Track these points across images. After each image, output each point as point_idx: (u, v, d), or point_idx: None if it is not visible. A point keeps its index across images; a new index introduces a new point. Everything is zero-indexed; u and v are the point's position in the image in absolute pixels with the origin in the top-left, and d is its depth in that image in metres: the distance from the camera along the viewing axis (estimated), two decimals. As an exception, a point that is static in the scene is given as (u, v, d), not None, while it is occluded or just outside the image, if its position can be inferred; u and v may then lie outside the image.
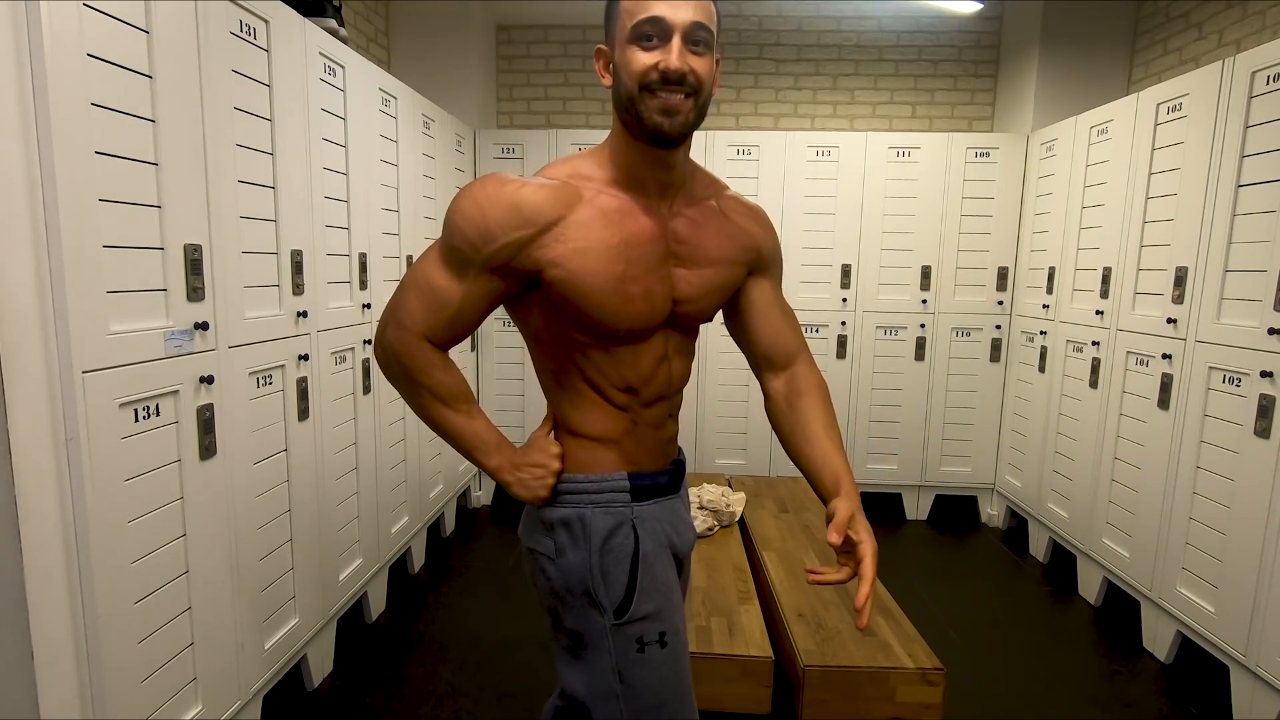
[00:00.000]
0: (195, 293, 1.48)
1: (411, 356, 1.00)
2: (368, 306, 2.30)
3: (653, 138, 0.94)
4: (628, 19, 0.92)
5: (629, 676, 1.01)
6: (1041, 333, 3.07)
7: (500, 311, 1.09)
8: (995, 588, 2.83)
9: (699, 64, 0.92)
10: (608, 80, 0.98)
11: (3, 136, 1.11)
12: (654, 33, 0.90)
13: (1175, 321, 2.24)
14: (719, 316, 1.18)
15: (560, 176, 0.97)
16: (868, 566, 0.94)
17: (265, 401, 1.77)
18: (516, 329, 1.10)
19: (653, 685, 1.02)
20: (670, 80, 0.91)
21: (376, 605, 2.49)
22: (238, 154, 1.63)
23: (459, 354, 3.25)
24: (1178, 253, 2.26)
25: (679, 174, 1.02)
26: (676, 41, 0.90)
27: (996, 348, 3.40)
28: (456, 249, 0.95)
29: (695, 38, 0.91)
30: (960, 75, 3.73)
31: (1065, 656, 2.33)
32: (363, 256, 2.27)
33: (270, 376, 1.79)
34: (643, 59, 0.91)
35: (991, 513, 3.54)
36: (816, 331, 3.43)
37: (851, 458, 3.51)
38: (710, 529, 2.54)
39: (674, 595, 1.05)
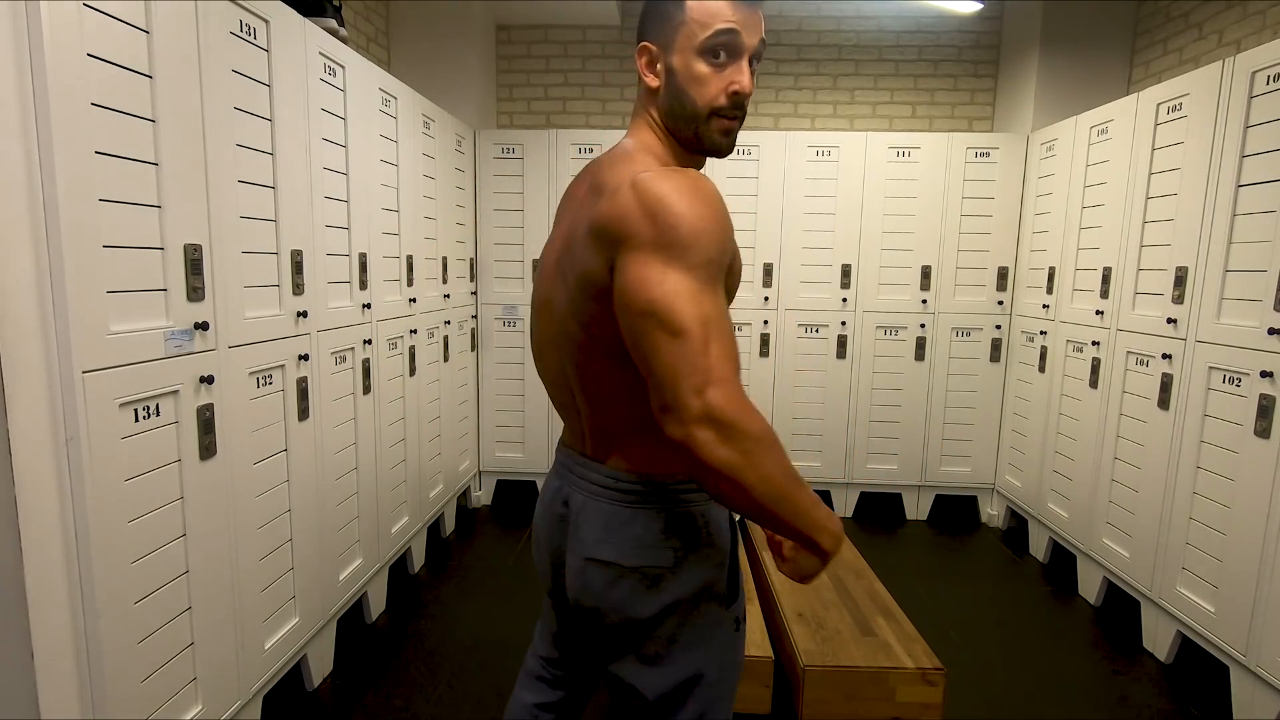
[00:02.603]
0: (195, 293, 1.48)
1: (755, 413, 0.79)
2: (368, 306, 2.30)
3: (708, 154, 0.96)
4: (698, 29, 0.88)
5: (727, 659, 1.00)
6: (1041, 333, 3.07)
7: (500, 311, 1.09)
8: (995, 588, 2.83)
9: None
10: (655, 81, 0.93)
11: (3, 136, 1.11)
12: (726, 49, 0.88)
13: (1175, 321, 2.24)
14: None
15: None
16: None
17: (265, 401, 1.77)
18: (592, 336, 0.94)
19: (738, 661, 1.03)
20: (739, 105, 0.91)
21: (376, 605, 2.49)
22: (238, 154, 1.63)
23: (460, 353, 3.25)
24: (1178, 253, 2.26)
25: None
26: (746, 62, 0.90)
27: (996, 348, 3.40)
28: (715, 262, 0.80)
29: (758, 55, 0.91)
30: (960, 75, 3.73)
31: (1065, 656, 2.32)
32: (363, 256, 2.27)
33: (270, 376, 1.79)
34: (716, 81, 0.90)
35: (991, 513, 3.54)
36: (816, 331, 3.43)
37: (851, 457, 3.51)
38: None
39: None
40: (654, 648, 0.96)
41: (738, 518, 0.95)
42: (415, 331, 2.72)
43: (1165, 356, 2.28)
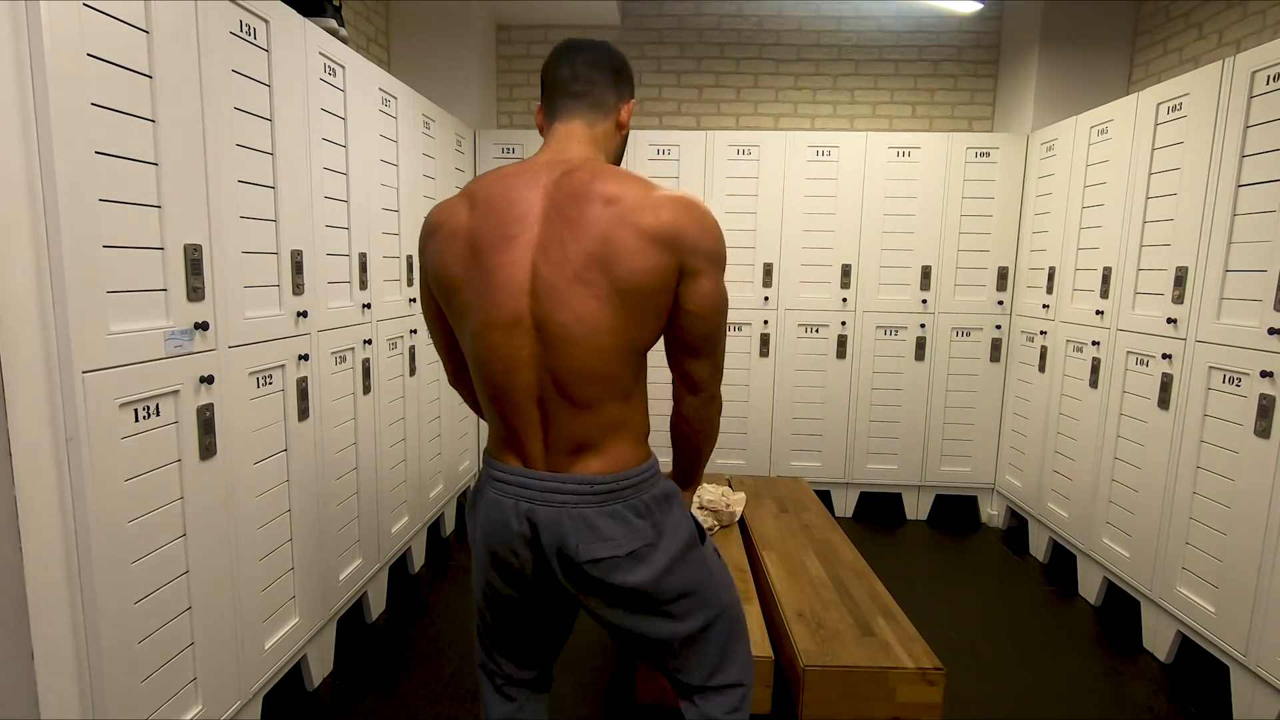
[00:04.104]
0: (195, 293, 1.48)
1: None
2: (368, 306, 2.30)
3: None
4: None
5: (724, 578, 1.20)
6: (1041, 333, 3.08)
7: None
8: (995, 588, 2.83)
9: None
10: (625, 130, 1.15)
11: (3, 136, 1.11)
12: None
13: (1175, 321, 2.24)
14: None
15: None
16: None
17: (265, 401, 1.77)
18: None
19: (728, 572, 1.24)
20: None
21: (376, 605, 2.49)
22: (238, 154, 1.63)
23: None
24: (1178, 253, 2.26)
25: None
26: None
27: (996, 348, 3.40)
28: None
29: None
30: (960, 75, 3.73)
31: (1065, 656, 2.33)
32: (363, 256, 2.27)
33: (270, 376, 1.79)
34: None
35: (991, 513, 3.54)
36: (817, 331, 3.43)
37: (851, 458, 3.51)
38: (710, 529, 2.54)
39: None
40: (669, 607, 1.10)
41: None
42: (415, 331, 2.72)
43: (1165, 356, 2.28)
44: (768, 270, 3.41)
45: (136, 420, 1.35)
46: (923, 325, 3.41)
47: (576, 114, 1.08)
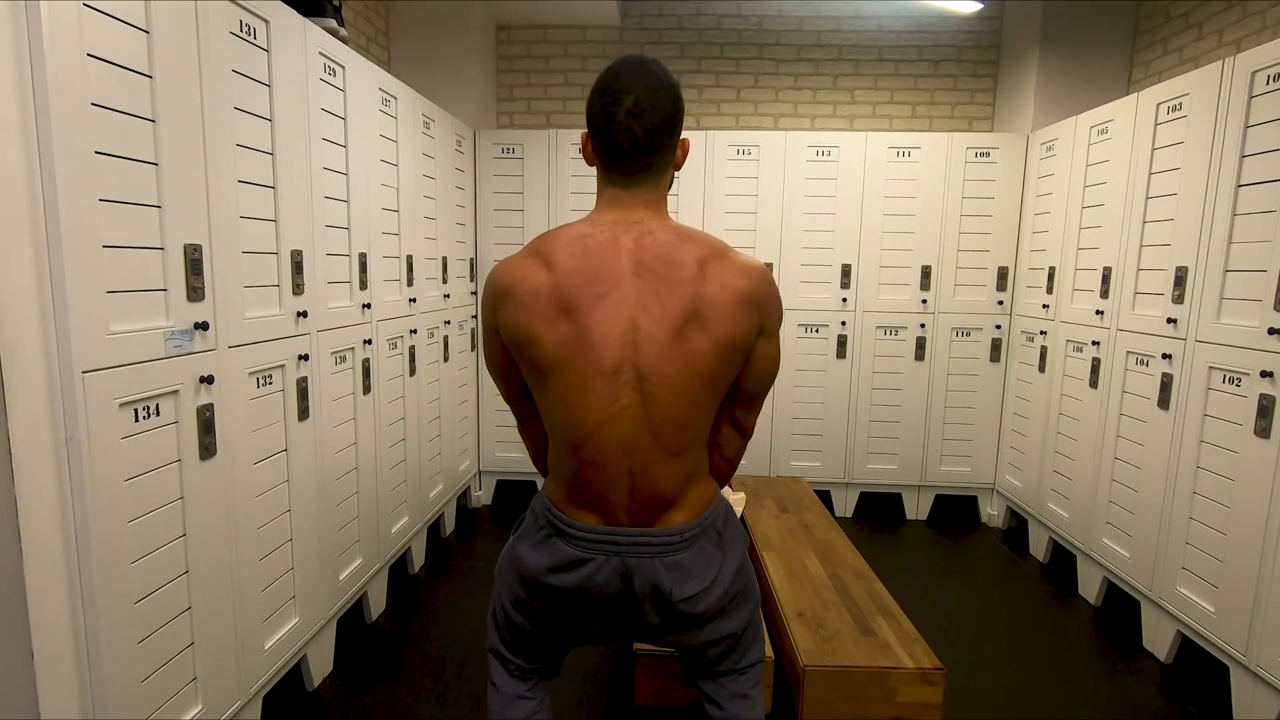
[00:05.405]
0: (195, 293, 1.48)
1: None
2: (368, 306, 2.30)
3: None
4: None
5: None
6: (1041, 333, 3.08)
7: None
8: (995, 588, 2.83)
9: None
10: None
11: (3, 136, 1.11)
12: None
13: (1175, 321, 2.24)
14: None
15: None
16: None
17: (265, 401, 1.77)
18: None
19: None
20: None
21: (376, 605, 2.49)
22: (238, 154, 1.63)
23: (461, 353, 3.25)
24: (1178, 253, 2.26)
25: None
26: None
27: (996, 348, 3.40)
28: None
29: None
30: (960, 75, 3.73)
31: (1065, 656, 2.33)
32: (363, 256, 2.27)
33: (270, 376, 1.79)
34: None
35: (991, 513, 3.54)
36: (817, 331, 3.43)
37: (851, 458, 3.51)
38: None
39: None
40: (729, 606, 1.17)
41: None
42: (415, 331, 2.72)
43: (1165, 356, 2.28)
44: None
45: (136, 420, 1.35)
46: (923, 325, 3.41)
47: (644, 182, 1.08)
